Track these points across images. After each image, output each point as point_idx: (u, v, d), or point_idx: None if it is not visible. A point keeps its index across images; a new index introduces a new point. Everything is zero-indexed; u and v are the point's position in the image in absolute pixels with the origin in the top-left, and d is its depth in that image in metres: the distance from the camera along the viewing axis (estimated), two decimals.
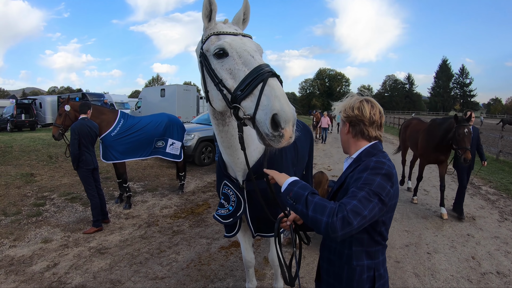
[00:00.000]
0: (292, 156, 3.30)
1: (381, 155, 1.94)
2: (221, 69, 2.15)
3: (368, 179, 1.76)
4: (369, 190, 1.71)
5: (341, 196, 1.95)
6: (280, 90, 1.87)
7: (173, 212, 7.36)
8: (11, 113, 26.43)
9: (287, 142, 1.84)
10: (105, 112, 7.38)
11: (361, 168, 1.86)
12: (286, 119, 1.78)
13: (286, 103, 1.81)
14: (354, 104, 2.03)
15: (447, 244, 5.76)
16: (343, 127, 2.12)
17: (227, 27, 2.30)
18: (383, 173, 1.79)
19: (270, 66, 2.01)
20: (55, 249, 5.52)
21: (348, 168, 2.05)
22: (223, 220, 3.00)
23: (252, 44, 2.20)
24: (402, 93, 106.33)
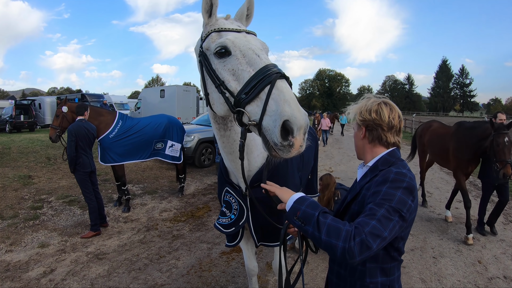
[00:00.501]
0: (298, 160, 3.13)
1: (400, 165, 1.78)
2: (223, 69, 1.99)
3: (388, 193, 1.61)
4: (389, 207, 1.57)
5: (355, 208, 1.81)
6: (290, 94, 1.72)
7: (172, 216, 7.24)
8: (10, 114, 26.29)
9: (297, 152, 1.69)
10: (103, 113, 7.27)
11: (379, 180, 1.71)
12: (298, 126, 1.62)
13: (297, 108, 1.66)
14: (371, 107, 1.88)
15: (452, 248, 5.64)
16: (358, 131, 1.96)
17: (230, 23, 2.14)
18: (404, 187, 1.64)
19: (278, 67, 1.85)
20: (52, 254, 5.41)
21: (363, 178, 1.89)
22: (225, 230, 2.81)
23: (257, 42, 2.04)
24: (402, 94, 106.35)
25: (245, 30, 2.11)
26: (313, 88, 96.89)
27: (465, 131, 6.34)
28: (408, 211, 1.61)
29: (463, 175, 6.42)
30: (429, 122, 8.61)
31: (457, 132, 6.55)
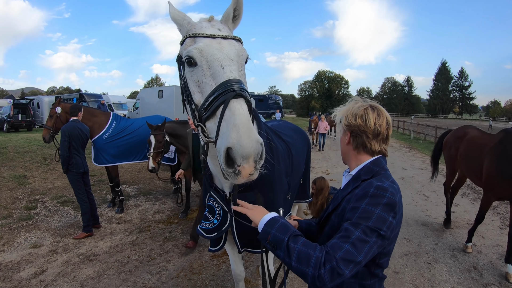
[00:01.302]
0: (286, 165, 3.05)
1: (383, 175, 1.69)
2: (190, 79, 1.95)
3: (366, 211, 1.53)
4: (365, 227, 1.49)
5: (335, 220, 1.74)
6: (241, 117, 1.62)
7: (166, 217, 7.20)
8: (8, 113, 26.22)
9: (247, 179, 1.63)
10: (97, 114, 7.23)
11: (359, 193, 1.62)
12: (243, 155, 1.54)
13: (246, 135, 1.56)
14: (357, 112, 1.78)
15: (447, 253, 5.58)
16: (343, 136, 1.87)
17: (208, 27, 2.02)
18: (385, 203, 1.54)
19: (240, 83, 1.77)
20: (43, 254, 5.39)
21: (345, 188, 1.81)
22: (207, 235, 2.72)
23: (230, 50, 1.92)
24: (401, 96, 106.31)
25: (221, 35, 1.98)
26: (312, 89, 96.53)
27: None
28: (389, 228, 1.54)
29: (496, 198, 5.33)
30: (462, 128, 6.70)
31: (505, 141, 5.17)
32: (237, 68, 1.89)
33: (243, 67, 1.98)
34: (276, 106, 51.49)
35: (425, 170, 13.10)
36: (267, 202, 2.53)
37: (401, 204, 1.64)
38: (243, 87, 1.74)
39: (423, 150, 19.75)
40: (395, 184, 1.67)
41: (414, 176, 11.77)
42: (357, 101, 1.87)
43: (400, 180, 11.10)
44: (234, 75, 1.80)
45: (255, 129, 1.64)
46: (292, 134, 3.74)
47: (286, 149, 3.15)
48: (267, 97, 54.69)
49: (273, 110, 49.80)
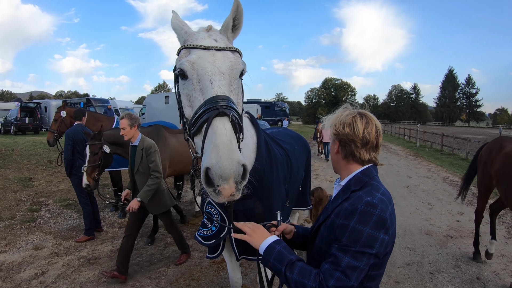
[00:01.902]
0: (285, 172, 3.02)
1: (373, 187, 1.65)
2: (182, 92, 1.93)
3: (355, 231, 1.51)
4: (354, 252, 1.49)
5: (325, 233, 1.71)
6: (222, 137, 1.58)
7: None
8: (15, 116, 26.48)
9: (228, 199, 1.59)
10: (101, 119, 7.27)
11: (348, 209, 1.58)
12: (222, 176, 1.52)
13: (225, 156, 1.53)
14: (345, 120, 1.73)
15: (451, 263, 5.50)
16: (333, 144, 1.83)
17: (204, 38, 1.97)
18: (374, 221, 1.51)
19: (228, 100, 1.73)
20: (45, 256, 5.43)
21: (335, 199, 1.77)
22: (205, 242, 2.71)
23: (223, 64, 1.87)
24: (408, 103, 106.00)
25: (215, 47, 1.92)
26: (319, 97, 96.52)
27: None
28: (382, 245, 1.52)
29: None
30: (497, 140, 5.49)
31: None
32: (228, 82, 1.84)
33: (236, 81, 1.92)
34: (283, 113, 51.47)
35: (431, 178, 13.03)
36: (265, 210, 2.52)
37: (393, 218, 1.61)
38: (229, 105, 1.70)
39: (429, 158, 19.65)
40: (385, 195, 1.63)
41: (419, 185, 11.69)
42: (346, 108, 1.83)
43: (405, 188, 11.04)
44: (223, 90, 1.76)
45: (237, 149, 1.60)
46: (291, 141, 3.72)
47: (284, 156, 3.13)
48: (274, 104, 54.64)
49: (279, 117, 49.80)
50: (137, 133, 4.77)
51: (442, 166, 16.64)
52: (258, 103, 48.00)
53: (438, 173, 14.47)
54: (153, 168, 4.69)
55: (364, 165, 1.74)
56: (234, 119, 1.68)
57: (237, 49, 2.02)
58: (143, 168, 4.72)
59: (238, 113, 1.74)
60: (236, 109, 1.74)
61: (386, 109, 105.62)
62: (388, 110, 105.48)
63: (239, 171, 1.55)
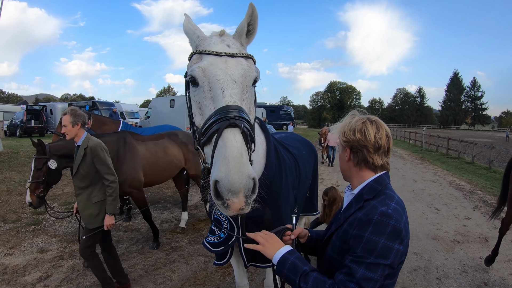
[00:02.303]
0: (293, 178, 2.99)
1: (387, 196, 1.63)
2: (193, 100, 1.89)
3: (370, 242, 1.48)
4: (369, 264, 1.46)
5: (337, 243, 1.69)
6: (232, 149, 1.55)
7: (173, 227, 7.15)
8: (21, 119, 26.67)
9: (237, 213, 1.56)
10: (107, 122, 7.26)
11: (363, 218, 1.56)
12: (231, 190, 1.49)
13: (235, 169, 1.49)
14: (355, 126, 1.71)
15: (458, 269, 5.44)
16: (343, 153, 1.80)
17: (217, 43, 1.92)
18: (389, 231, 1.49)
19: (239, 110, 1.69)
20: (49, 260, 5.41)
21: (348, 208, 1.74)
22: (213, 249, 2.68)
23: (236, 71, 1.81)
24: (413, 107, 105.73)
25: (228, 53, 1.86)
26: (324, 100, 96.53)
27: None
28: (396, 256, 1.50)
29: None
30: None
31: None
32: (240, 91, 1.79)
33: (248, 89, 1.87)
34: (288, 116, 51.53)
35: (437, 182, 12.95)
36: (274, 216, 2.49)
37: (407, 227, 1.59)
38: (241, 115, 1.66)
39: (435, 162, 19.57)
40: (399, 205, 1.61)
41: (425, 189, 11.61)
42: (354, 115, 1.82)
43: (411, 192, 10.96)
44: (234, 99, 1.72)
45: (247, 162, 1.57)
46: (298, 146, 3.68)
47: (293, 161, 3.10)
48: (279, 108, 54.72)
49: (284, 120, 49.86)
50: (82, 131, 4.18)
51: (448, 170, 16.58)
52: (263, 106, 48.02)
53: (444, 177, 14.40)
54: (104, 171, 4.14)
55: (377, 172, 1.72)
56: (246, 131, 1.64)
57: (251, 56, 1.97)
58: (84, 170, 4.13)
59: (250, 123, 1.71)
60: (248, 119, 1.70)
61: (391, 113, 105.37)
62: (393, 113, 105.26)
63: (249, 185, 1.53)
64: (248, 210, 1.59)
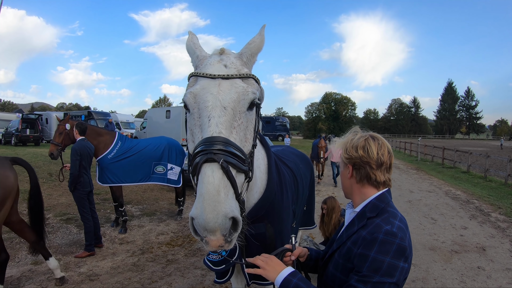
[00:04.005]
0: (293, 192, 2.96)
1: (391, 214, 1.62)
2: (187, 125, 1.85)
3: (376, 261, 1.47)
4: (375, 282, 1.45)
5: (340, 261, 1.67)
6: (208, 187, 1.47)
7: (169, 239, 7.10)
8: (16, 127, 26.54)
9: (218, 249, 1.54)
10: (103, 133, 7.22)
11: (367, 238, 1.54)
12: (206, 229, 1.44)
13: (209, 208, 1.43)
14: (358, 143, 1.71)
15: (456, 279, 5.43)
16: (345, 170, 1.79)
17: (214, 63, 1.83)
18: (395, 250, 1.48)
19: (224, 142, 1.59)
20: (44, 272, 5.33)
21: (350, 226, 1.73)
22: (215, 267, 2.59)
23: (228, 96, 1.71)
24: (408, 117, 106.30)
25: (222, 75, 1.76)
26: (319, 111, 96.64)
27: None
28: (401, 273, 1.48)
29: None
30: None
31: None
32: (230, 118, 1.69)
33: (242, 115, 1.75)
34: (283, 128, 51.61)
35: (433, 192, 12.97)
36: (276, 233, 2.47)
37: (411, 244, 1.58)
38: (225, 148, 1.57)
39: (431, 171, 19.62)
40: (403, 222, 1.61)
41: (422, 199, 11.61)
42: (356, 132, 1.82)
43: (407, 203, 10.96)
44: (219, 129, 1.62)
45: (226, 200, 1.48)
46: (295, 160, 3.67)
47: (292, 176, 3.07)
48: (274, 119, 54.76)
49: (280, 131, 49.95)
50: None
51: (444, 179, 16.62)
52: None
53: (440, 187, 14.42)
54: None
55: (379, 189, 1.71)
56: (225, 166, 1.53)
57: (251, 75, 1.86)
58: None
59: (237, 156, 1.61)
60: (234, 151, 1.60)
61: (386, 123, 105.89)
62: (388, 123, 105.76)
63: (226, 225, 1.46)
64: (231, 247, 1.56)
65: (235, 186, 1.55)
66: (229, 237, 1.50)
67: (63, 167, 6.50)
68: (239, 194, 1.58)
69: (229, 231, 1.49)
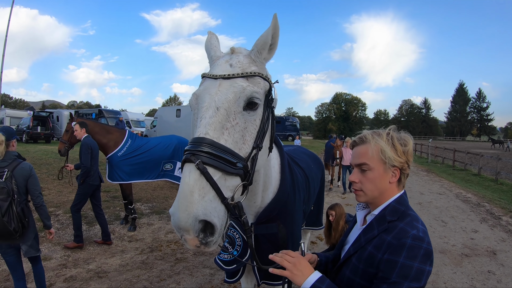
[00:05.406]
0: (305, 193, 2.96)
1: (413, 218, 1.59)
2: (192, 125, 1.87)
3: (405, 267, 1.44)
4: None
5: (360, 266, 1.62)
6: (184, 186, 1.46)
7: (178, 238, 7.01)
8: (27, 125, 26.81)
9: (196, 249, 1.53)
10: (113, 131, 7.28)
11: (393, 242, 1.51)
12: (179, 227, 1.45)
13: (182, 207, 1.42)
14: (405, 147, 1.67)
15: (466, 283, 5.37)
16: (385, 173, 1.65)
17: (221, 64, 1.81)
18: (422, 254, 1.45)
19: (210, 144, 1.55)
20: (53, 268, 5.37)
21: (369, 229, 1.67)
22: (226, 267, 2.63)
23: (224, 96, 1.67)
24: (418, 118, 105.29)
25: (223, 75, 1.73)
26: (330, 111, 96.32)
27: None
28: (427, 277, 1.47)
29: None
30: None
31: None
32: (223, 119, 1.64)
33: (238, 116, 1.69)
34: (293, 128, 51.51)
35: (443, 195, 12.85)
36: (288, 234, 2.46)
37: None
38: (206, 150, 1.53)
39: (441, 173, 19.44)
40: (424, 226, 1.58)
41: (432, 201, 11.51)
42: (393, 129, 1.76)
43: (417, 205, 10.87)
44: (206, 130, 1.60)
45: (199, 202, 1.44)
46: (307, 160, 3.65)
47: (303, 176, 3.06)
48: (284, 119, 54.60)
49: (290, 132, 49.86)
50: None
51: (454, 182, 16.46)
52: None
53: (450, 189, 14.29)
54: None
55: (400, 190, 1.70)
56: (201, 167, 1.49)
57: (256, 73, 1.78)
58: None
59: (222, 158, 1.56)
60: (218, 154, 1.55)
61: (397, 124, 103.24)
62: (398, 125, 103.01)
63: (196, 227, 1.43)
64: (211, 249, 1.54)
65: (216, 189, 1.50)
66: (204, 240, 1.47)
67: (64, 166, 6.60)
68: (225, 198, 1.52)
69: (204, 235, 1.47)
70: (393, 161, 1.62)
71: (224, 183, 1.55)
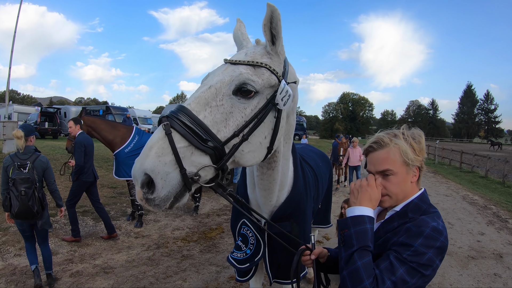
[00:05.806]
0: (314, 192, 2.97)
1: (435, 214, 1.59)
2: None
3: (418, 252, 1.44)
4: (411, 268, 1.43)
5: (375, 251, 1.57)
6: (148, 142, 1.53)
7: (184, 235, 7.13)
8: (35, 120, 27.00)
9: (140, 201, 1.55)
10: (120, 128, 7.33)
11: (412, 229, 1.51)
12: (132, 174, 1.54)
13: (140, 158, 1.50)
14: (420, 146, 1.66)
15: (472, 285, 5.33)
16: (407, 173, 1.63)
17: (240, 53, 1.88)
18: (437, 246, 1.46)
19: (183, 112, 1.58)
20: (59, 263, 5.42)
21: (389, 222, 1.67)
22: (239, 265, 2.63)
23: (220, 77, 1.70)
24: (425, 119, 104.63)
25: (231, 60, 1.78)
26: (337, 111, 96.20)
27: None
28: (434, 270, 1.48)
29: None
30: None
31: None
32: (210, 96, 1.65)
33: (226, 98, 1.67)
34: (300, 127, 51.36)
35: (450, 196, 12.78)
36: (300, 232, 2.47)
37: None
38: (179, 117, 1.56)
39: (448, 175, 19.33)
40: (444, 223, 1.59)
41: (439, 203, 11.43)
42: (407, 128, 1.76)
43: None
44: (189, 102, 1.64)
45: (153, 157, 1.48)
46: (315, 158, 3.65)
47: (313, 175, 3.07)
48: None
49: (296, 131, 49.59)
50: None
51: (461, 184, 16.36)
52: None
53: (457, 191, 14.21)
54: None
55: (419, 188, 1.69)
56: (167, 130, 1.52)
57: (262, 64, 1.75)
58: None
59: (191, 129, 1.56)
60: (189, 124, 1.55)
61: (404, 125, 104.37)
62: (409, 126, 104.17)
63: (139, 179, 1.48)
64: (152, 209, 1.55)
65: (176, 155, 1.50)
66: (145, 195, 1.50)
67: (67, 162, 6.73)
68: (183, 168, 1.51)
69: (147, 190, 1.49)
70: (414, 162, 1.62)
71: (189, 155, 1.54)
